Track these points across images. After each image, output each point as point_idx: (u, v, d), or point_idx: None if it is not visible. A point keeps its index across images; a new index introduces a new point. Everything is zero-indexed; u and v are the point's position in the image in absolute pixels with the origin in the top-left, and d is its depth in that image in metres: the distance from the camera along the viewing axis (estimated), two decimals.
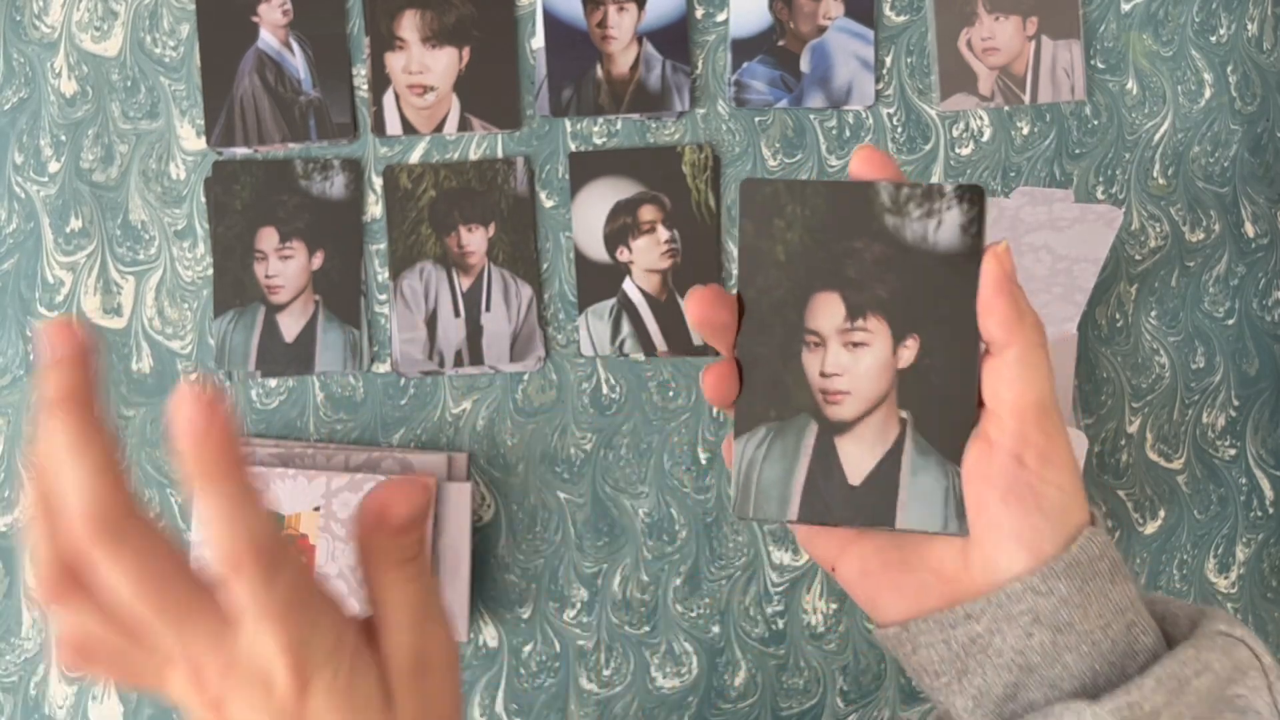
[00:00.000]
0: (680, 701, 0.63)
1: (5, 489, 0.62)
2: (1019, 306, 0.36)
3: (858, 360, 0.37)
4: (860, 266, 0.37)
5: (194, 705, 0.32)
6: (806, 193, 0.37)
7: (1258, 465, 0.65)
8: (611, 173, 0.64)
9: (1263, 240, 0.65)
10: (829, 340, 0.37)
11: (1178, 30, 0.65)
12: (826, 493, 0.38)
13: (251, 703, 0.31)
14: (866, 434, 0.37)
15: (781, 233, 0.37)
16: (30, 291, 0.63)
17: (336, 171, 0.63)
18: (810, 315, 0.37)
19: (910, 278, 0.37)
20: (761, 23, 0.64)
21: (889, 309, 0.37)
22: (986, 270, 0.36)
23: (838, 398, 0.37)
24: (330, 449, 0.62)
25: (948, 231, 0.36)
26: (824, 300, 0.37)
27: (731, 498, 0.38)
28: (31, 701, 0.62)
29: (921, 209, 0.36)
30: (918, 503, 0.37)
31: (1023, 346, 0.35)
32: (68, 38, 0.63)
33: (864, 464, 0.37)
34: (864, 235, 0.37)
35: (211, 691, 0.31)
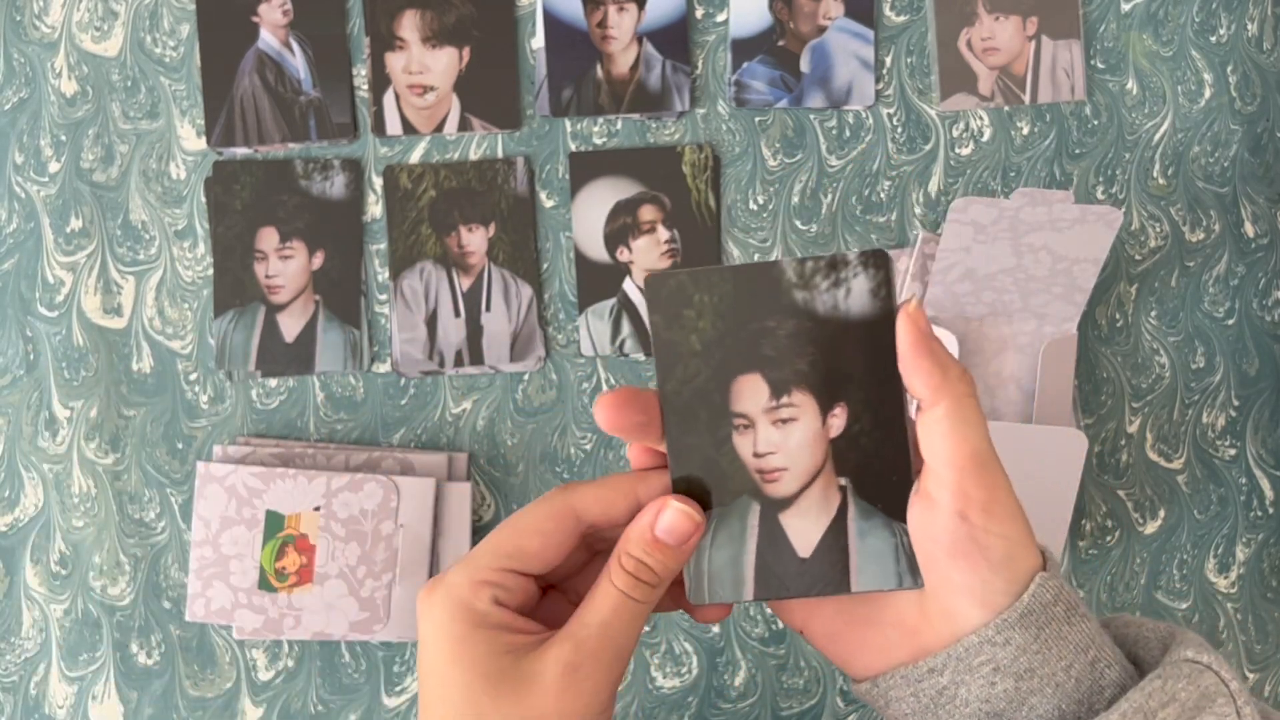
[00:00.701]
0: (680, 701, 0.63)
1: (5, 489, 0.62)
2: (940, 361, 0.36)
3: (789, 436, 0.38)
4: (776, 344, 0.37)
5: None
6: (712, 280, 0.37)
7: (1258, 465, 0.65)
8: (611, 173, 0.64)
9: (1263, 240, 0.65)
10: (757, 421, 0.38)
11: (1178, 30, 0.65)
12: (778, 568, 0.38)
13: None
14: (809, 506, 0.38)
15: (693, 322, 0.37)
16: (30, 291, 0.63)
17: (336, 171, 0.63)
18: (735, 399, 0.38)
19: (828, 348, 0.37)
20: (761, 23, 0.64)
21: (812, 381, 0.37)
22: (901, 331, 0.36)
23: (775, 475, 0.38)
24: (330, 449, 0.62)
25: (858, 298, 0.37)
26: (746, 382, 0.37)
27: (686, 585, 0.39)
28: (31, 701, 0.62)
29: (828, 280, 0.37)
30: (870, 564, 0.38)
31: (951, 401, 0.36)
32: (68, 38, 0.63)
33: (811, 535, 0.38)
34: (775, 313, 0.37)
35: None
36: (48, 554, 0.62)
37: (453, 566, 0.39)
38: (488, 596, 0.38)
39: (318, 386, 0.63)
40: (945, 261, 0.60)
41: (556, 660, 0.37)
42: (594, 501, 0.39)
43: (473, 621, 0.37)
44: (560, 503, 0.38)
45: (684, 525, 0.38)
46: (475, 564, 0.38)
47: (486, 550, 0.38)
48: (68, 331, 0.63)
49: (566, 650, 0.37)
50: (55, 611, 0.62)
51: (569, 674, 0.37)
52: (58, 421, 0.62)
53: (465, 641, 0.37)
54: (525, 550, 0.38)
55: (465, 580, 0.38)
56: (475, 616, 0.37)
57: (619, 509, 0.39)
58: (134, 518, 0.62)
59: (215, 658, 0.62)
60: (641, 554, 0.38)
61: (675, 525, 0.38)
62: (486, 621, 0.37)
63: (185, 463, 0.62)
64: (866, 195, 0.64)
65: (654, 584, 0.38)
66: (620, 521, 0.39)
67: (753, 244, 0.64)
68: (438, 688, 0.37)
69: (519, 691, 0.37)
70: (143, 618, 0.62)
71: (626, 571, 0.38)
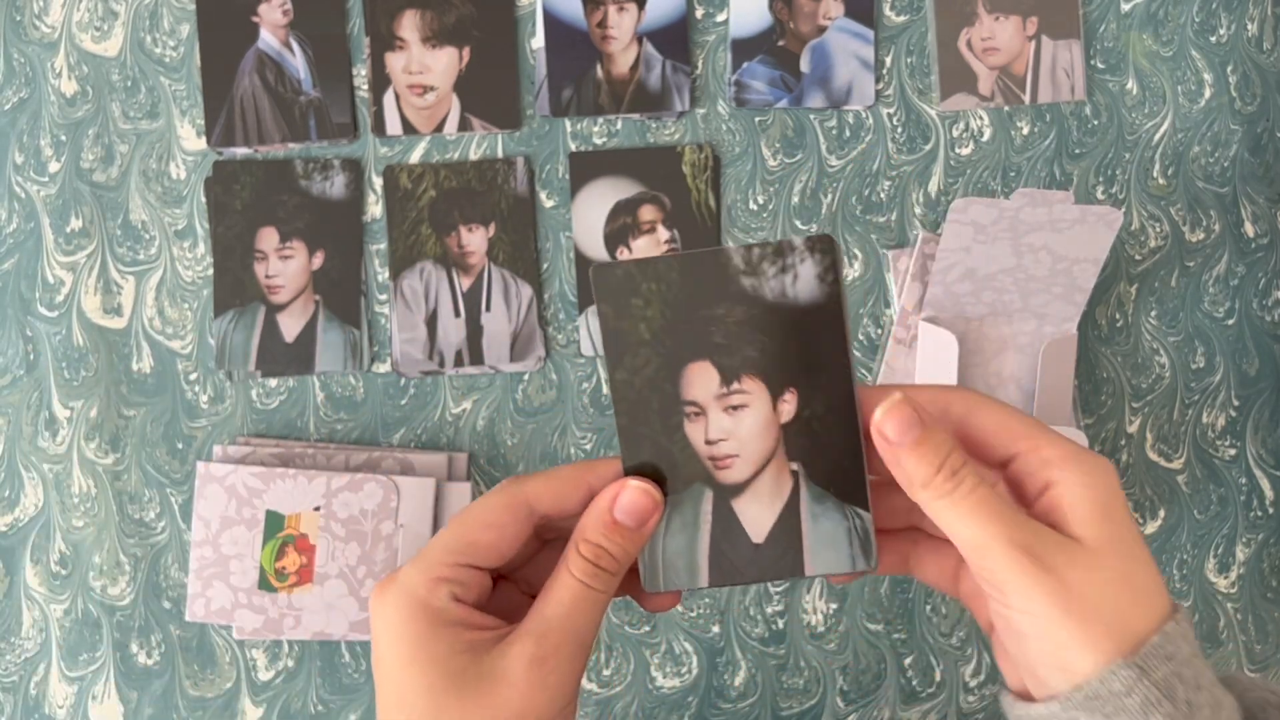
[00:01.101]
0: (680, 701, 0.63)
1: (5, 489, 0.62)
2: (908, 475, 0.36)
3: (740, 423, 0.38)
4: (726, 331, 0.37)
5: None
6: (659, 268, 0.37)
7: (1258, 465, 0.65)
8: (611, 173, 0.64)
9: (1263, 240, 0.65)
10: (708, 408, 0.38)
11: (1178, 30, 0.65)
12: (733, 554, 0.38)
13: None
14: (761, 491, 0.38)
15: (641, 311, 0.37)
16: (30, 291, 0.63)
17: (336, 171, 0.63)
18: (685, 387, 0.38)
19: (777, 334, 0.37)
20: (761, 23, 0.64)
21: (762, 367, 0.37)
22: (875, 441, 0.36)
23: (727, 462, 0.38)
24: (330, 449, 0.62)
25: (805, 284, 0.37)
26: (697, 370, 0.38)
27: (641, 573, 0.39)
28: (31, 701, 0.62)
29: (775, 265, 0.37)
30: (823, 548, 0.38)
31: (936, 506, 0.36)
32: (68, 38, 0.63)
33: (764, 520, 0.38)
34: (724, 300, 0.37)
35: None
36: (48, 554, 0.62)
37: (403, 565, 0.38)
38: (444, 593, 0.37)
39: (318, 386, 0.63)
40: (945, 261, 0.60)
41: (520, 656, 0.36)
42: (545, 492, 0.38)
43: (431, 620, 0.37)
44: (511, 494, 0.38)
45: (644, 503, 0.37)
46: (429, 560, 0.37)
47: (439, 546, 0.38)
48: (68, 331, 0.63)
49: (529, 645, 0.37)
50: (55, 611, 0.62)
51: (534, 669, 0.36)
52: (58, 421, 0.62)
53: (424, 641, 0.36)
54: (479, 544, 0.38)
55: (420, 578, 0.37)
56: (433, 614, 0.37)
57: (571, 499, 0.38)
58: (134, 518, 0.62)
59: (215, 658, 0.62)
60: (600, 538, 0.37)
61: (635, 504, 0.37)
62: (445, 619, 0.37)
63: (185, 463, 0.62)
64: (866, 195, 0.64)
65: (613, 570, 0.38)
66: (573, 511, 0.39)
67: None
68: (396, 692, 0.37)
69: (483, 690, 0.36)
70: (143, 618, 0.62)
71: (585, 559, 0.37)
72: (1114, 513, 0.36)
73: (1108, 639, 0.34)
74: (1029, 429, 0.37)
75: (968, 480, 0.36)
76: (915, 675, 0.64)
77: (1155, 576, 0.36)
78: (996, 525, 0.35)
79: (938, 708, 0.64)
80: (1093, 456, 0.36)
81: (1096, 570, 0.35)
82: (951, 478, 0.36)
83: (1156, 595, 0.35)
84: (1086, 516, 0.35)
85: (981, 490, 0.35)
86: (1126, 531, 0.36)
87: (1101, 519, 0.35)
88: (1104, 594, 0.35)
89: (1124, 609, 0.35)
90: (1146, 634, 0.35)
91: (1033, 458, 0.37)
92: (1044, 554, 0.35)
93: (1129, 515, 0.36)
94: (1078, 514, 0.36)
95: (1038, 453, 0.36)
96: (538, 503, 0.38)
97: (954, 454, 0.36)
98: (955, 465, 0.36)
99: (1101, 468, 0.36)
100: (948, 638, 0.64)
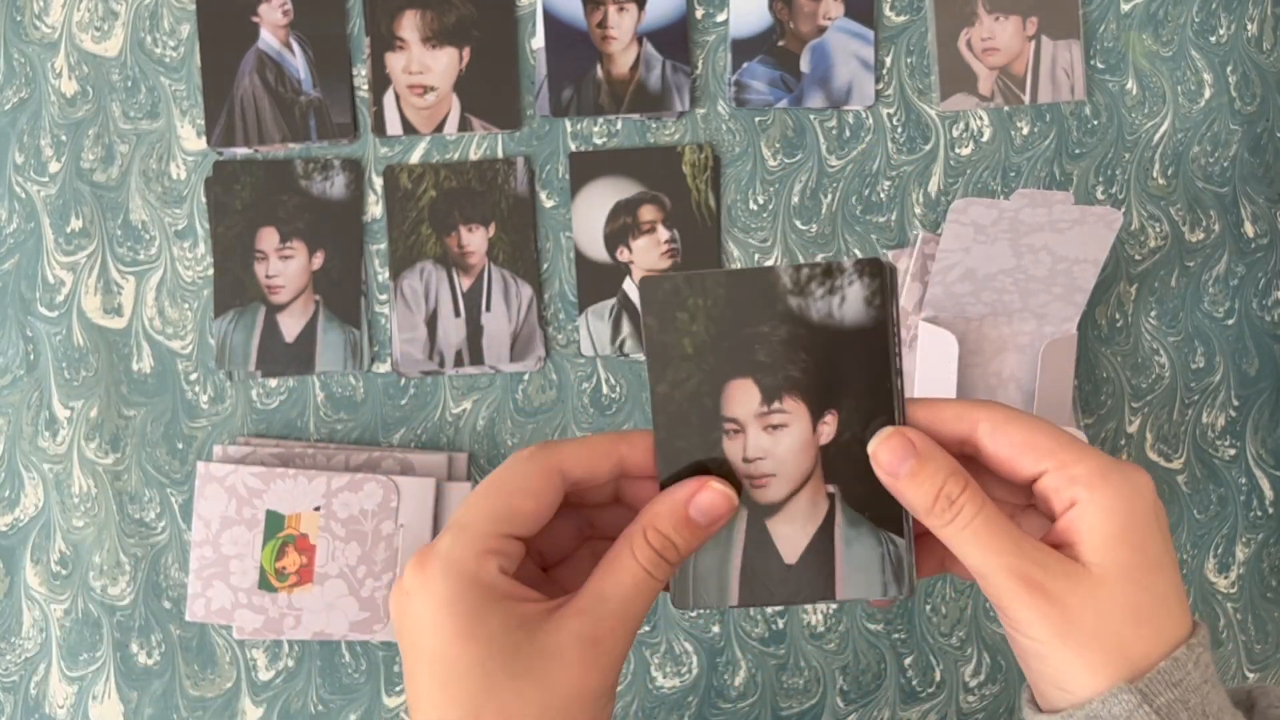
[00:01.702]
0: (680, 701, 0.63)
1: (5, 489, 0.62)
2: (908, 504, 0.36)
3: (778, 442, 0.38)
4: (770, 349, 0.37)
5: None
6: (707, 284, 0.37)
7: (1258, 465, 0.65)
8: (611, 173, 0.64)
9: (1263, 240, 0.65)
10: (748, 426, 0.38)
11: (1178, 30, 0.65)
12: (764, 574, 0.38)
13: None
14: (796, 513, 0.38)
15: (686, 325, 0.37)
16: (30, 291, 0.63)
17: (337, 171, 0.63)
18: (726, 403, 0.38)
19: (821, 355, 0.37)
20: (761, 23, 0.64)
21: (804, 388, 0.37)
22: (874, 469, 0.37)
23: (764, 481, 0.38)
24: (330, 449, 0.62)
25: (852, 306, 0.37)
26: (738, 387, 0.37)
27: (670, 588, 0.39)
28: (31, 701, 0.62)
29: (823, 287, 0.37)
30: (855, 573, 0.38)
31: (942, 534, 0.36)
32: (68, 38, 0.63)
33: (798, 542, 0.38)
34: (770, 319, 0.37)
35: None
36: (48, 554, 0.62)
37: (440, 538, 0.37)
38: (494, 566, 0.36)
39: (318, 386, 0.63)
40: (945, 262, 0.60)
41: (576, 635, 0.36)
42: (578, 460, 0.38)
43: (483, 594, 0.35)
44: (545, 461, 0.37)
45: (722, 506, 0.37)
46: (474, 532, 0.36)
47: (480, 516, 0.36)
48: (68, 331, 0.63)
49: (587, 624, 0.36)
50: (55, 611, 0.62)
51: (589, 648, 0.36)
52: (58, 421, 0.62)
53: (478, 616, 0.35)
54: (520, 512, 0.37)
55: (467, 550, 0.36)
56: (484, 588, 0.35)
57: (602, 467, 0.38)
58: (134, 518, 0.62)
59: (215, 658, 0.62)
60: (671, 530, 0.37)
61: (713, 505, 0.37)
62: (497, 593, 0.36)
63: (185, 463, 0.62)
64: (866, 195, 0.64)
65: (674, 563, 0.37)
66: (603, 479, 0.38)
67: (753, 244, 0.64)
68: (443, 672, 0.35)
69: (537, 668, 0.35)
70: (143, 618, 0.62)
71: (652, 547, 0.37)
72: (1130, 536, 0.35)
73: (1106, 665, 0.35)
74: (1058, 445, 0.36)
75: (966, 508, 0.36)
76: (915, 675, 0.64)
77: (1169, 602, 0.36)
78: (996, 554, 0.35)
79: (938, 708, 0.64)
80: (1124, 475, 0.36)
81: (1098, 598, 0.35)
82: (950, 506, 0.36)
83: (1168, 621, 0.35)
84: (1100, 541, 0.35)
85: (982, 518, 0.36)
86: (1141, 557, 0.35)
87: (1115, 543, 0.35)
88: (1104, 621, 0.35)
89: (1125, 635, 0.35)
90: (1152, 660, 0.35)
91: (1060, 475, 0.36)
92: (1044, 581, 0.35)
93: (1152, 537, 0.36)
94: (1092, 538, 0.35)
95: (1065, 470, 0.36)
96: (570, 471, 0.38)
97: (951, 481, 0.36)
98: (952, 493, 0.36)
99: (1131, 487, 0.36)
100: (948, 638, 0.64)
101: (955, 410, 0.37)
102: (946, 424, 0.37)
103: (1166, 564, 0.36)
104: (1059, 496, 0.36)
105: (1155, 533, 0.36)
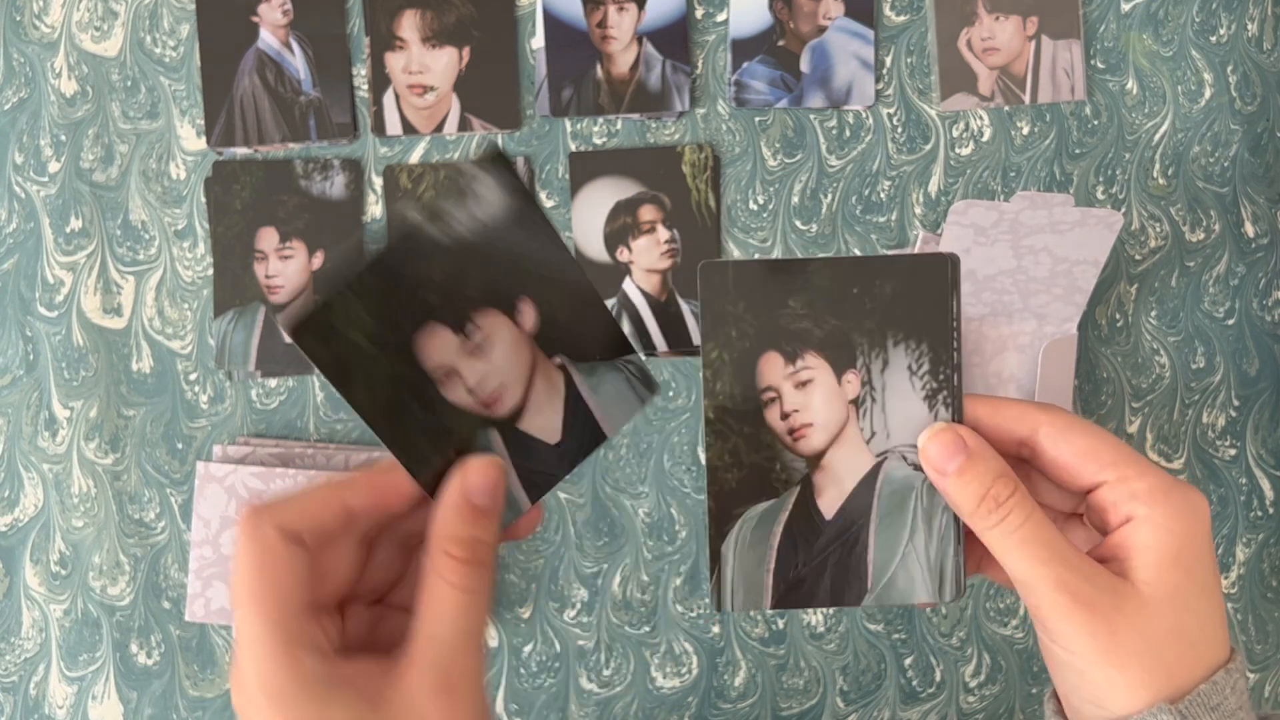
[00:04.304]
0: (680, 701, 0.63)
1: (5, 489, 0.62)
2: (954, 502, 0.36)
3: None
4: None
5: None
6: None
7: (1258, 465, 0.65)
8: (611, 173, 0.64)
9: (1263, 240, 0.65)
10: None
11: (1178, 30, 0.65)
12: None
13: None
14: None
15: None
16: (30, 291, 0.63)
17: (336, 171, 0.63)
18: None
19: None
20: (761, 23, 0.64)
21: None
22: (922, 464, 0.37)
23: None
24: (330, 449, 0.62)
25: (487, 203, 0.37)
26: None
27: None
28: (31, 701, 0.62)
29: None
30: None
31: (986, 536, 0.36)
32: (68, 38, 0.63)
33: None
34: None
35: None
36: (47, 554, 0.62)
37: (242, 659, 0.32)
38: (308, 660, 0.32)
39: (317, 386, 0.63)
40: None
41: (428, 691, 0.33)
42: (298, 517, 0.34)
43: (316, 694, 0.32)
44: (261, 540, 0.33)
45: (493, 474, 0.35)
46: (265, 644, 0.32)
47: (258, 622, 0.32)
48: (68, 331, 0.63)
49: (433, 675, 0.33)
50: (55, 611, 0.62)
51: (445, 698, 0.33)
52: (58, 421, 0.62)
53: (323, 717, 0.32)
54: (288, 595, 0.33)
55: (275, 665, 0.32)
56: (313, 688, 0.32)
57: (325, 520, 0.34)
58: (134, 518, 0.62)
59: (215, 658, 0.62)
60: (466, 531, 0.34)
61: (486, 479, 0.35)
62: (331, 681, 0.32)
63: (185, 463, 0.62)
64: (866, 195, 0.64)
65: (488, 563, 0.35)
66: (331, 531, 0.35)
67: (753, 244, 0.64)
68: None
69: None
70: (142, 618, 0.62)
71: (458, 560, 0.34)
72: (1184, 559, 0.35)
73: (1147, 686, 0.34)
74: (1120, 457, 0.36)
75: (1015, 513, 0.35)
76: (915, 675, 0.64)
77: (1211, 626, 0.35)
78: (1043, 564, 0.35)
79: (938, 708, 0.64)
80: (1184, 495, 0.36)
81: (1145, 617, 0.35)
82: (997, 509, 0.35)
83: (1209, 645, 0.35)
84: (1153, 561, 0.35)
85: (1030, 525, 0.35)
86: (1191, 580, 0.35)
87: (1169, 565, 0.35)
88: (1148, 641, 0.34)
89: (1168, 657, 0.35)
90: (1192, 682, 0.35)
91: (1120, 488, 0.36)
92: (1090, 597, 0.35)
93: (1203, 560, 0.35)
94: (1145, 557, 0.35)
95: (1126, 484, 0.36)
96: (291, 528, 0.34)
97: (1000, 483, 0.35)
98: (1001, 495, 0.35)
99: (1190, 508, 0.35)
100: (948, 638, 0.64)
101: (1018, 411, 0.37)
102: (1008, 423, 0.37)
103: (1213, 588, 0.36)
104: (1116, 510, 0.36)
105: (1206, 556, 0.36)
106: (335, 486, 0.35)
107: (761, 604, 0.38)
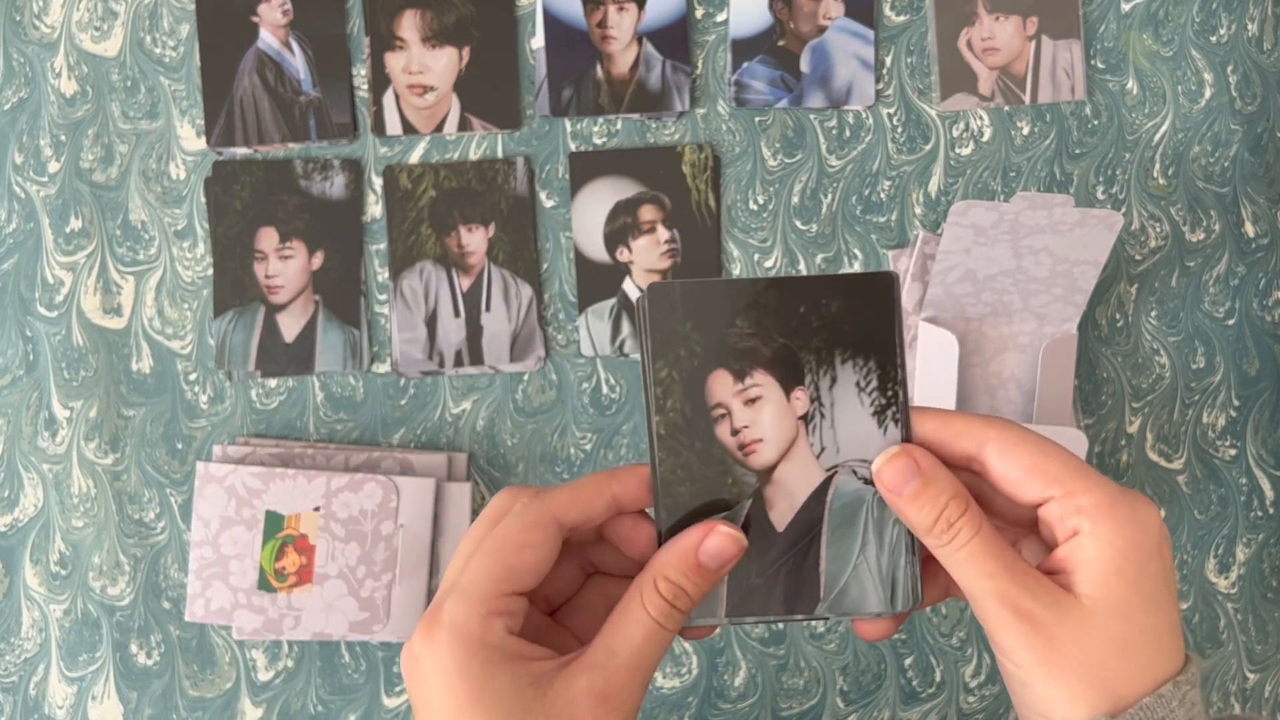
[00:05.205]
0: (680, 701, 0.63)
1: (5, 489, 0.62)
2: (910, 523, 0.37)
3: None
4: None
5: None
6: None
7: (1258, 465, 0.65)
8: (611, 173, 0.64)
9: (1263, 240, 0.65)
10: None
11: (1178, 30, 0.65)
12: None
13: None
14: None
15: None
16: (30, 291, 0.63)
17: (336, 171, 0.63)
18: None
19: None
20: (761, 23, 0.64)
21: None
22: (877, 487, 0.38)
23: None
24: (330, 449, 0.62)
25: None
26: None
27: None
28: (31, 701, 0.62)
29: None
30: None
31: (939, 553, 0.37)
32: (68, 38, 0.63)
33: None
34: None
35: None
36: (47, 554, 0.62)
37: (444, 602, 0.36)
38: (500, 627, 0.36)
39: (317, 386, 0.63)
40: (945, 263, 0.59)
41: (587, 691, 0.35)
42: (572, 506, 0.38)
43: (490, 657, 0.35)
44: (540, 513, 0.37)
45: (731, 549, 0.37)
46: (475, 594, 0.36)
47: (481, 578, 0.36)
48: (67, 331, 0.63)
49: (597, 680, 0.36)
50: (55, 612, 0.62)
51: (600, 704, 0.35)
52: (57, 421, 0.62)
53: (488, 679, 0.35)
54: (520, 569, 0.37)
55: (471, 614, 0.36)
56: (491, 651, 0.36)
57: (597, 508, 0.38)
58: (134, 518, 0.62)
59: (215, 658, 0.62)
60: (681, 578, 0.37)
61: (722, 549, 0.37)
62: (504, 654, 0.36)
63: (185, 463, 0.62)
64: (866, 195, 0.64)
65: (686, 611, 0.37)
66: (599, 519, 0.39)
67: (753, 244, 0.64)
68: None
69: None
70: (142, 618, 0.62)
71: (663, 597, 0.37)
72: (1127, 572, 0.35)
73: (1087, 699, 0.35)
74: (1068, 472, 0.36)
75: (963, 531, 0.36)
76: (915, 675, 0.64)
77: (1160, 638, 0.35)
78: (988, 578, 0.36)
79: (938, 708, 0.64)
80: (1130, 508, 0.36)
81: (1086, 631, 0.35)
82: (949, 529, 0.36)
83: (1157, 657, 0.35)
84: (1096, 574, 0.35)
85: (977, 540, 0.36)
86: (1135, 593, 0.35)
87: (1111, 578, 0.35)
88: (1089, 654, 0.35)
89: (1110, 670, 0.35)
90: (1136, 695, 0.35)
91: (1067, 503, 0.36)
92: (1032, 611, 0.35)
93: (1150, 573, 0.35)
94: (1088, 571, 0.35)
95: (1072, 499, 0.36)
96: (564, 517, 0.38)
97: (952, 504, 0.36)
98: (952, 516, 0.36)
99: (1135, 521, 0.36)
100: (948, 638, 0.64)
101: (965, 425, 0.37)
102: (955, 440, 0.37)
103: (1164, 599, 0.36)
104: (1062, 525, 0.36)
105: (1154, 568, 0.36)
106: (603, 477, 0.39)
107: (717, 613, 0.39)
